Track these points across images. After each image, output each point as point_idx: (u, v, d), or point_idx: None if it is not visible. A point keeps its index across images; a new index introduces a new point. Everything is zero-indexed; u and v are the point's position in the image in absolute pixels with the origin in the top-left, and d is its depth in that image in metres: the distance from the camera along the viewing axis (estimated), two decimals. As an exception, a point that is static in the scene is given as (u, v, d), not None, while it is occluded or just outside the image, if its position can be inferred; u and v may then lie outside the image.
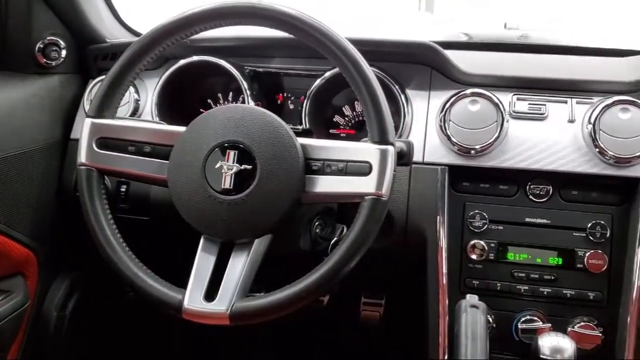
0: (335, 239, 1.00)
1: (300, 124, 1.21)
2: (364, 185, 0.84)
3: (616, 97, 1.05)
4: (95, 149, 0.94)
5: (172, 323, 0.93)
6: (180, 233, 0.91)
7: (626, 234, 1.06)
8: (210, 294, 0.84)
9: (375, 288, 1.49)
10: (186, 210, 0.88)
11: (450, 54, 1.15)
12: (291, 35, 0.89)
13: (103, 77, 1.14)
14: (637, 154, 1.03)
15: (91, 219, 0.91)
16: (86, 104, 1.28)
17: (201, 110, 1.28)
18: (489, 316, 1.06)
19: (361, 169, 0.84)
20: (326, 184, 0.86)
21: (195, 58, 1.23)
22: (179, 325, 0.97)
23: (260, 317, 0.83)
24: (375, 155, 0.84)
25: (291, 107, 1.27)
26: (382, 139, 0.85)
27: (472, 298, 0.90)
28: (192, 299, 0.84)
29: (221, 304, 0.83)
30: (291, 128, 0.89)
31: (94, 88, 1.28)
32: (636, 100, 1.05)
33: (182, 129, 0.93)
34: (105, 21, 1.37)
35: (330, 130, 1.27)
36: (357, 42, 0.88)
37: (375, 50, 1.15)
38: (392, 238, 1.11)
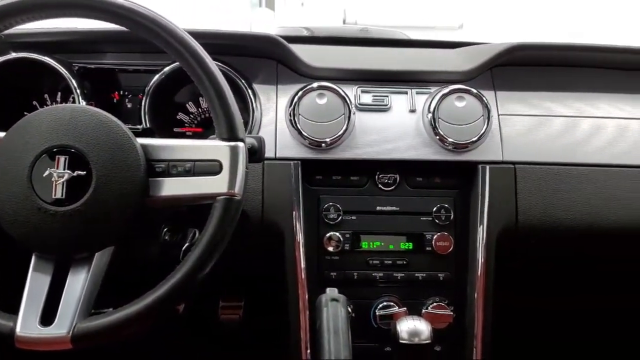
0: (187, 244, 0.95)
1: (140, 123, 1.13)
2: (215, 185, 0.80)
3: (452, 86, 1.11)
4: None
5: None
6: (9, 252, 0.80)
7: (468, 215, 1.12)
8: (48, 317, 0.75)
9: (234, 290, 1.45)
10: (12, 226, 0.78)
11: (295, 48, 1.14)
12: (124, 28, 0.82)
13: None
14: (474, 140, 1.09)
15: None
16: None
17: (25, 113, 1.15)
18: (349, 307, 1.07)
19: (210, 168, 0.80)
20: (173, 187, 0.80)
21: (13, 55, 1.09)
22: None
23: (108, 336, 0.76)
24: (225, 152, 0.81)
25: (129, 105, 1.18)
26: (231, 136, 0.81)
27: (332, 291, 0.90)
28: (26, 324, 0.75)
29: (61, 327, 0.74)
30: (130, 128, 0.82)
31: None
32: (470, 88, 1.11)
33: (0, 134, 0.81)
34: None
35: (175, 129, 1.21)
36: (197, 35, 0.84)
37: (217, 44, 1.10)
38: (248, 237, 1.08)
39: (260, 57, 1.17)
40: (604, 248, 1.20)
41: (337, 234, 1.09)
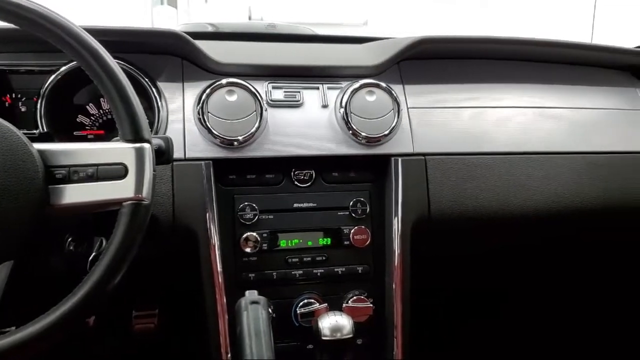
0: (93, 254, 0.89)
1: (36, 128, 1.05)
2: (121, 189, 0.76)
3: (362, 81, 1.11)
4: None
5: None
6: None
7: (383, 208, 1.13)
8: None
9: (149, 297, 1.39)
10: None
11: (200, 44, 1.10)
12: (15, 26, 0.75)
13: None
14: (385, 133, 1.10)
15: None
16: None
17: None
18: (269, 308, 1.05)
19: (115, 172, 0.76)
20: (75, 194, 0.75)
21: None
22: None
23: (10, 358, 0.69)
24: (130, 155, 0.76)
25: (23, 109, 1.09)
26: (136, 137, 0.77)
27: (251, 294, 0.88)
28: None
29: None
30: (25, 133, 0.76)
31: None
32: (380, 82, 1.12)
33: None
34: None
35: (75, 133, 1.13)
36: (95, 32, 0.79)
37: (117, 41, 1.04)
38: (160, 243, 1.03)
39: (164, 54, 1.12)
40: (511, 232, 1.25)
41: (254, 234, 1.07)
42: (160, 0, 3.53)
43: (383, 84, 1.12)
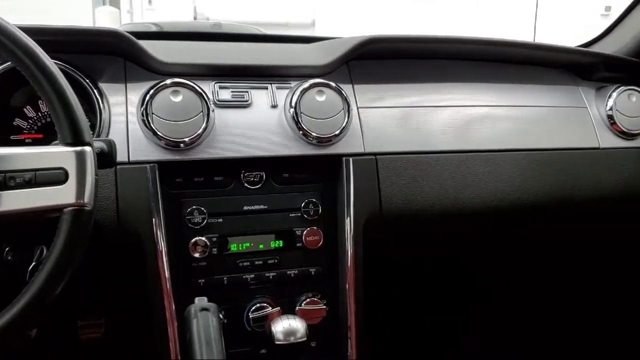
0: (33, 264, 0.85)
1: None
2: (61, 195, 0.72)
3: (312, 81, 1.10)
4: None
5: None
6: None
7: (335, 208, 1.12)
8: None
9: (95, 306, 1.34)
10: None
11: (145, 44, 1.07)
12: None
13: None
14: (336, 133, 1.09)
15: None
16: None
17: None
18: (220, 314, 1.03)
19: (55, 177, 0.72)
20: (11, 201, 0.71)
21: None
22: None
23: None
24: (70, 159, 0.73)
25: None
26: (76, 140, 0.74)
27: (201, 301, 0.85)
28: None
29: None
30: None
31: None
32: (329, 82, 1.11)
33: None
34: None
35: (12, 137, 1.08)
36: (32, 31, 0.75)
37: (56, 41, 1.00)
38: (105, 250, 0.99)
39: (106, 55, 1.07)
40: (462, 229, 1.27)
41: (203, 238, 1.04)
42: (102, 0, 3.44)
43: (333, 84, 1.11)
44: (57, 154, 0.73)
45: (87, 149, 0.74)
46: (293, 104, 1.08)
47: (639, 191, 1.32)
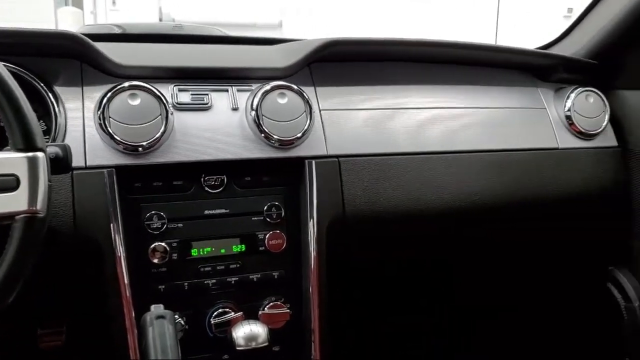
0: None
1: None
2: (12, 202, 0.70)
3: (273, 83, 1.09)
4: None
5: None
6: None
7: (298, 211, 1.11)
8: None
9: (55, 314, 1.31)
10: None
11: (102, 46, 1.05)
12: None
13: None
14: (298, 136, 1.09)
15: None
16: None
17: None
18: (180, 320, 1.02)
19: (6, 184, 0.70)
20: None
21: None
22: None
23: None
24: (22, 164, 0.71)
25: None
26: (29, 145, 0.72)
27: (157, 308, 0.84)
28: None
29: None
30: None
31: None
32: (291, 85, 1.10)
33: None
34: None
35: None
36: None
37: (7, 43, 0.97)
38: (61, 257, 0.97)
39: (61, 57, 1.05)
40: (423, 229, 1.27)
41: (163, 244, 1.02)
42: (65, 1, 3.38)
43: (294, 86, 1.11)
44: (7, 160, 0.71)
45: (40, 154, 0.72)
46: (254, 106, 1.07)
47: (597, 191, 1.35)
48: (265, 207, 1.10)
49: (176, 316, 1.01)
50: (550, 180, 1.30)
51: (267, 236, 1.09)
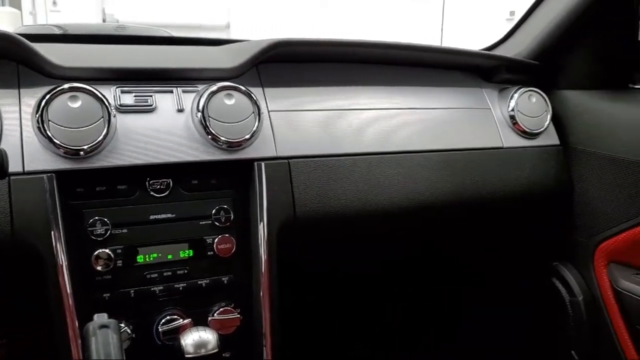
0: None
1: None
2: None
3: (220, 84, 1.07)
4: None
5: None
6: None
7: (248, 214, 1.10)
8: None
9: None
10: None
11: (41, 47, 1.01)
12: None
13: None
14: (246, 137, 1.07)
15: None
16: None
17: None
18: (127, 328, 0.99)
19: None
20: None
21: None
22: None
23: None
24: None
25: None
26: None
27: (100, 317, 0.80)
28: None
29: None
30: None
31: None
32: (238, 85, 1.09)
33: None
34: None
35: None
36: None
37: None
38: None
39: None
40: (374, 230, 1.28)
41: (107, 250, 0.99)
42: (1, 1, 3.25)
43: (242, 87, 1.09)
44: None
45: None
46: (200, 107, 1.05)
47: (541, 188, 1.38)
48: (214, 211, 1.08)
49: (122, 325, 0.98)
50: (495, 179, 1.33)
51: (215, 240, 1.07)
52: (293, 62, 1.24)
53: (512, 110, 1.38)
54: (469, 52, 1.41)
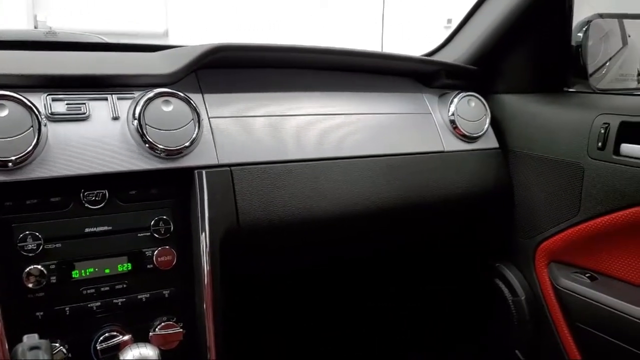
0: None
1: None
2: None
3: (157, 90, 1.04)
4: None
5: None
6: None
7: (189, 225, 1.06)
8: None
9: None
10: None
11: None
12: None
13: None
14: (186, 145, 1.04)
15: None
16: None
17: None
18: (62, 348, 0.94)
19: None
20: None
21: None
22: None
23: None
24: None
25: None
26: None
27: (30, 338, 0.76)
28: None
29: None
30: None
31: None
32: (176, 92, 1.05)
33: None
34: None
35: None
36: None
37: None
38: None
39: None
40: (320, 236, 1.27)
41: (39, 266, 0.94)
42: None
43: (180, 93, 1.06)
44: None
45: None
46: (136, 115, 1.01)
47: (481, 190, 1.41)
48: (152, 222, 1.04)
49: (57, 344, 0.93)
50: (437, 182, 1.34)
51: (155, 253, 1.03)
52: (234, 68, 1.22)
53: (452, 114, 1.40)
54: (410, 58, 1.42)
